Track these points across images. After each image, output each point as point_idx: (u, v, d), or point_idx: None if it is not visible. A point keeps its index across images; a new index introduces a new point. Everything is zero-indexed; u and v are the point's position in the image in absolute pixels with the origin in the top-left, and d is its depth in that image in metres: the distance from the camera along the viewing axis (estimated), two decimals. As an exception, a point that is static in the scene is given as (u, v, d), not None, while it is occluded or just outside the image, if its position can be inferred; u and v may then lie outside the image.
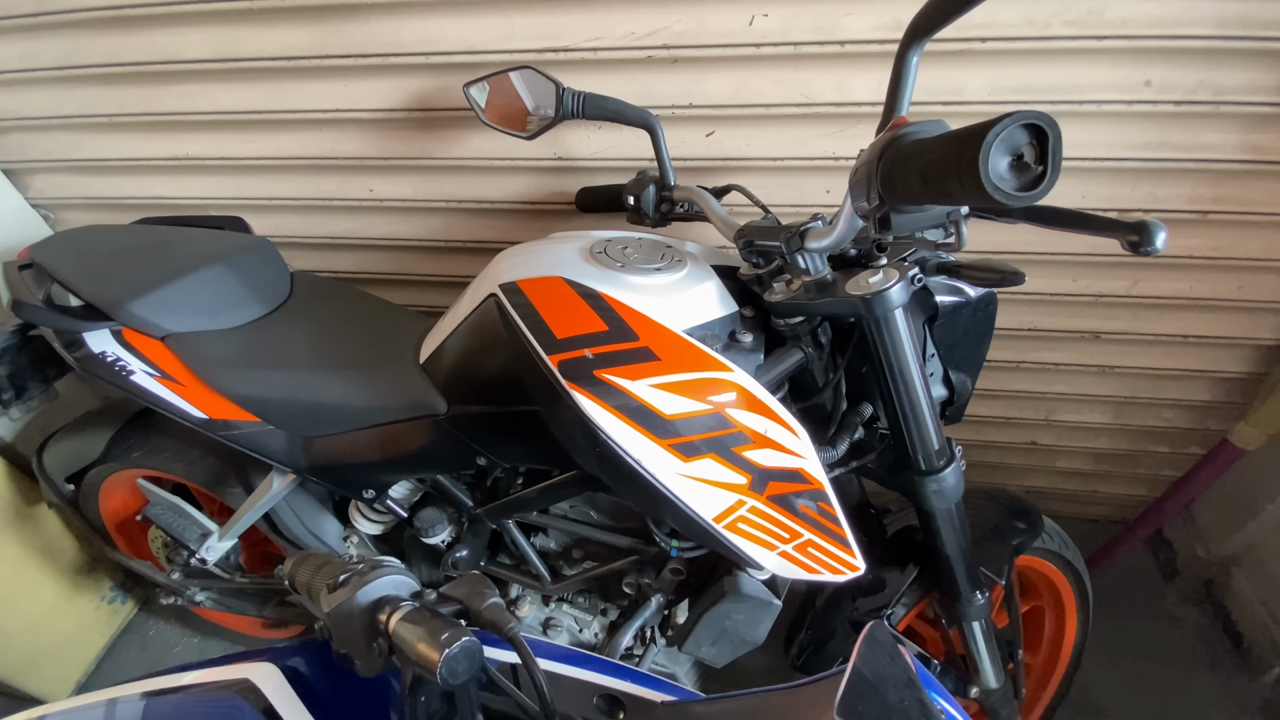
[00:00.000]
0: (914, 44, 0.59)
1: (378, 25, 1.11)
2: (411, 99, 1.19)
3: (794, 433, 0.73)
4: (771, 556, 0.79)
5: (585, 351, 0.72)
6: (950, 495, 0.83)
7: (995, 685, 1.01)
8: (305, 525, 1.17)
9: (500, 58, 1.10)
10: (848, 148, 1.12)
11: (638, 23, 1.04)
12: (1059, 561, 1.10)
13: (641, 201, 0.99)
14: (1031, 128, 0.39)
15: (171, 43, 1.20)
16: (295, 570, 0.58)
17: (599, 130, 1.17)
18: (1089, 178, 1.11)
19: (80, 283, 0.99)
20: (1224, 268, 1.18)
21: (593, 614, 1.10)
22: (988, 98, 1.04)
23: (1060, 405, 1.47)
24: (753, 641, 0.93)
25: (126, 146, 1.37)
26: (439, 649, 0.43)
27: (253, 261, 1.10)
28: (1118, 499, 1.67)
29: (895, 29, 0.99)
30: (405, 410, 0.92)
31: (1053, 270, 1.23)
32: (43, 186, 1.47)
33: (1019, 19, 0.97)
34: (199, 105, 1.27)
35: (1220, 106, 1.02)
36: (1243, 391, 1.36)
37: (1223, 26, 0.95)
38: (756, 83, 1.08)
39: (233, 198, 1.40)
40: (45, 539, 1.41)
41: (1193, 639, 1.52)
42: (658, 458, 0.72)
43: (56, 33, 1.23)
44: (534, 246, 0.90)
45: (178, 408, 0.98)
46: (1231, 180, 1.09)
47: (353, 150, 1.28)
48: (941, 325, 0.80)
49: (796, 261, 0.74)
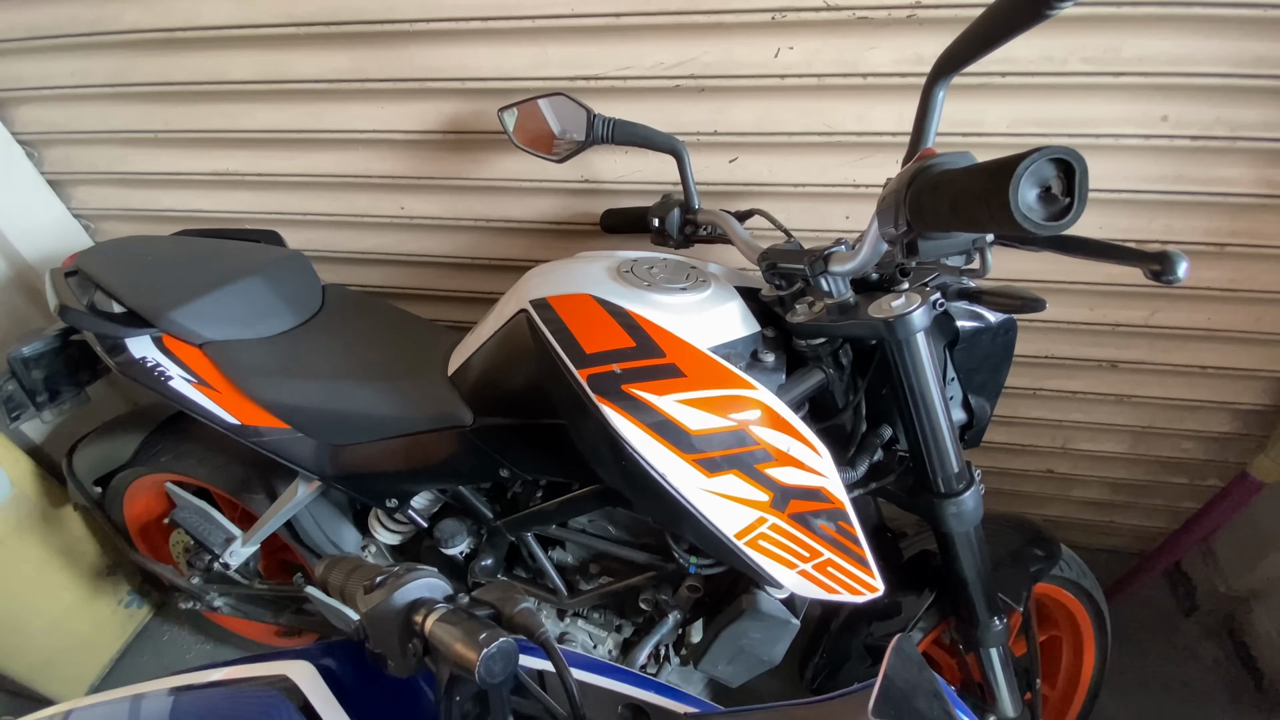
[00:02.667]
0: (940, 79, 0.61)
1: (417, 51, 1.16)
2: (446, 122, 1.24)
3: (816, 452, 0.74)
4: (791, 575, 0.79)
5: (614, 367, 0.74)
6: (969, 519, 0.83)
7: (1013, 714, 1.00)
8: (325, 533, 1.19)
9: (533, 84, 1.14)
10: (868, 175, 1.15)
11: (667, 53, 1.08)
12: (1077, 591, 1.09)
13: (666, 223, 1.02)
14: (1060, 162, 0.41)
15: (218, 64, 1.25)
16: (328, 573, 0.59)
17: (625, 155, 1.21)
18: (1107, 209, 1.13)
19: (124, 290, 1.02)
20: (1242, 300, 1.19)
21: (608, 630, 1.10)
22: (1007, 129, 1.07)
23: (1077, 434, 1.47)
24: (769, 661, 0.93)
25: (169, 161, 1.42)
26: (477, 649, 0.44)
27: (287, 274, 1.14)
28: (1135, 530, 1.65)
29: (916, 63, 1.02)
30: (431, 421, 0.94)
31: (1070, 299, 1.24)
32: (85, 197, 1.53)
33: (1038, 55, 1.00)
34: (241, 124, 1.33)
35: (1236, 142, 1.03)
36: (1261, 424, 1.35)
37: (1238, 65, 0.97)
38: (780, 112, 1.11)
39: (269, 212, 1.45)
40: (68, 541, 1.43)
41: (1211, 675, 1.49)
42: (682, 472, 0.73)
43: (108, 52, 1.29)
44: (563, 265, 0.92)
45: (212, 413, 1.01)
46: (1248, 214, 1.10)
47: (386, 169, 1.33)
48: (962, 350, 0.82)
49: (820, 284, 0.76)
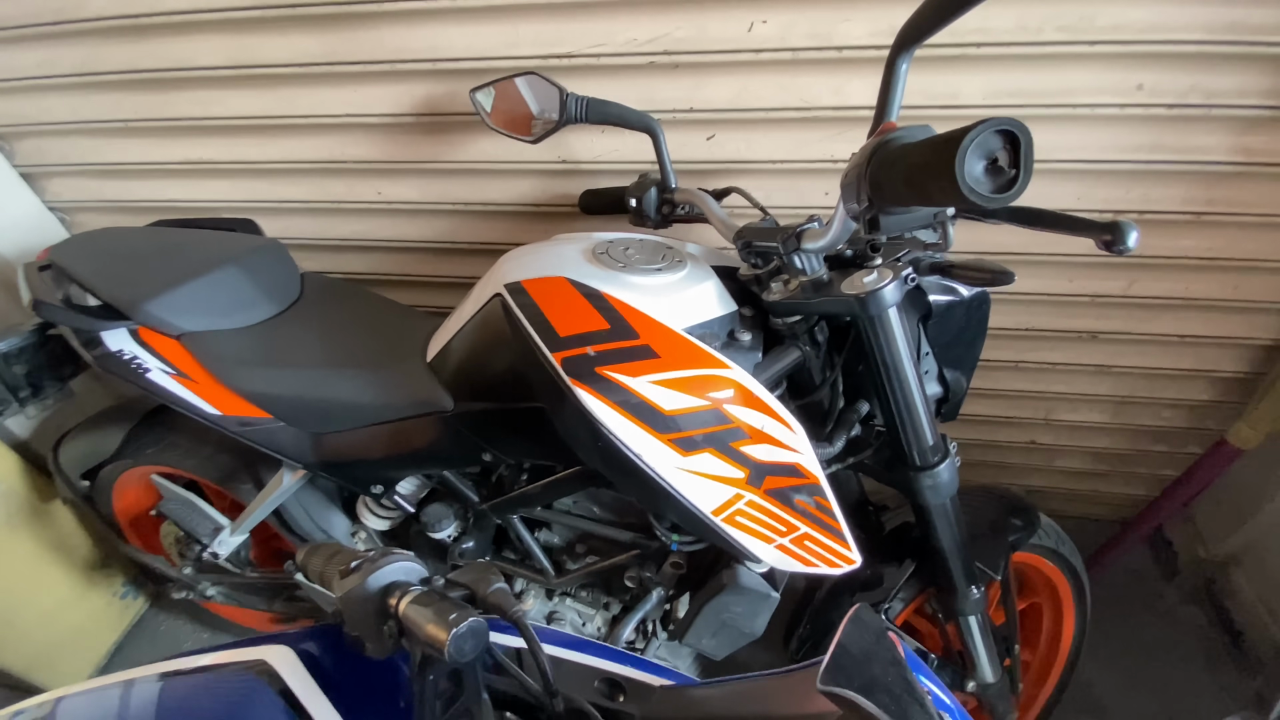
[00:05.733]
0: (903, 52, 0.61)
1: (387, 33, 1.14)
2: (419, 104, 1.22)
3: (790, 428, 0.75)
4: (769, 549, 0.80)
5: (587, 349, 0.75)
6: (945, 490, 0.84)
7: (992, 680, 1.03)
8: (314, 521, 1.20)
9: (505, 64, 1.12)
10: (845, 150, 1.14)
11: (640, 29, 1.07)
12: (1056, 559, 1.12)
13: (643, 204, 1.01)
14: (1005, 133, 0.41)
15: (186, 50, 1.23)
16: (308, 559, 0.60)
17: (602, 134, 1.20)
18: (1084, 179, 1.12)
19: (98, 283, 1.01)
20: (1219, 268, 1.20)
21: (595, 608, 1.12)
22: (983, 101, 1.06)
23: (1059, 404, 1.48)
24: (751, 633, 0.95)
25: (141, 151, 1.40)
26: (447, 629, 0.45)
27: (264, 263, 1.13)
28: (1118, 498, 1.67)
29: (890, 35, 0.98)
30: (412, 407, 0.94)
31: (1049, 271, 1.25)
32: (60, 190, 1.51)
33: (1012, 25, 0.99)
34: (212, 111, 1.30)
35: (1212, 110, 1.03)
36: (1240, 391, 1.37)
37: (1212, 31, 0.96)
38: (756, 88, 1.10)
39: (244, 201, 1.43)
40: (59, 535, 1.44)
41: (1192, 638, 1.53)
42: (658, 452, 0.74)
43: (74, 41, 1.26)
44: (538, 248, 0.92)
45: (192, 404, 1.01)
46: (1225, 182, 1.10)
47: (361, 154, 1.31)
48: (935, 324, 0.82)
49: (794, 262, 0.76)
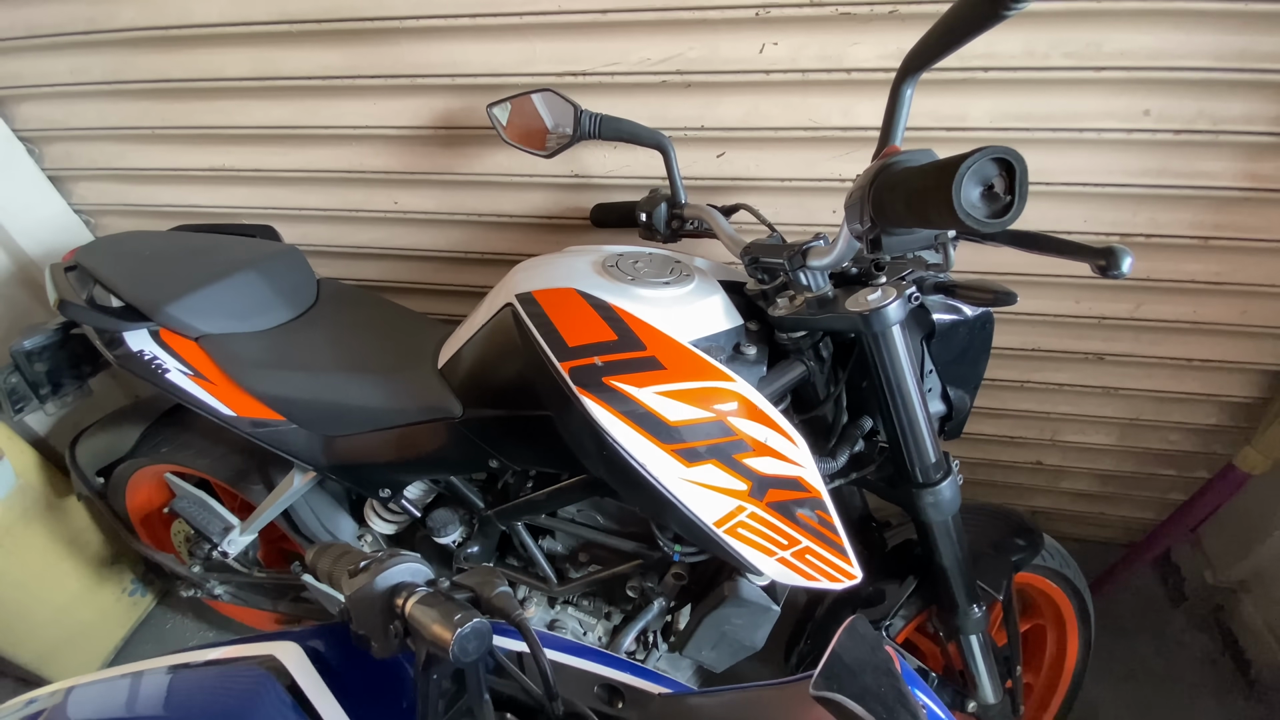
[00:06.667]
0: (908, 78, 0.62)
1: (407, 48, 1.17)
2: (437, 117, 1.25)
3: (793, 442, 0.76)
4: (770, 562, 0.81)
5: (595, 359, 0.76)
6: (947, 508, 0.85)
7: (993, 700, 1.02)
8: (322, 523, 1.22)
9: (522, 80, 1.15)
10: (853, 170, 1.16)
11: (653, 49, 1.09)
12: (1059, 580, 1.11)
13: (653, 218, 1.03)
14: (1001, 161, 0.42)
15: (213, 61, 1.27)
16: (317, 559, 0.61)
17: (614, 150, 1.22)
18: (1091, 203, 1.13)
19: (121, 285, 1.04)
20: (1226, 293, 1.20)
21: (597, 617, 1.13)
22: (989, 124, 1.08)
23: (1065, 425, 1.48)
24: (751, 646, 0.95)
25: (166, 157, 1.44)
26: (451, 629, 0.46)
27: (281, 268, 1.16)
28: (1124, 521, 1.66)
29: (898, 58, 1.00)
30: (422, 413, 0.96)
31: (1056, 292, 1.25)
32: (85, 193, 1.55)
33: (1019, 50, 1.00)
34: (236, 120, 1.34)
35: (1219, 136, 1.04)
36: (1248, 416, 1.36)
37: (1220, 59, 0.98)
38: (766, 107, 1.12)
39: (264, 207, 1.47)
40: (72, 531, 1.46)
41: (1199, 664, 1.51)
42: (661, 462, 0.75)
43: (105, 49, 1.30)
44: (549, 259, 0.94)
45: (208, 405, 1.03)
46: (1232, 207, 1.11)
47: (379, 165, 1.34)
48: (939, 342, 0.83)
49: (799, 278, 0.78)
